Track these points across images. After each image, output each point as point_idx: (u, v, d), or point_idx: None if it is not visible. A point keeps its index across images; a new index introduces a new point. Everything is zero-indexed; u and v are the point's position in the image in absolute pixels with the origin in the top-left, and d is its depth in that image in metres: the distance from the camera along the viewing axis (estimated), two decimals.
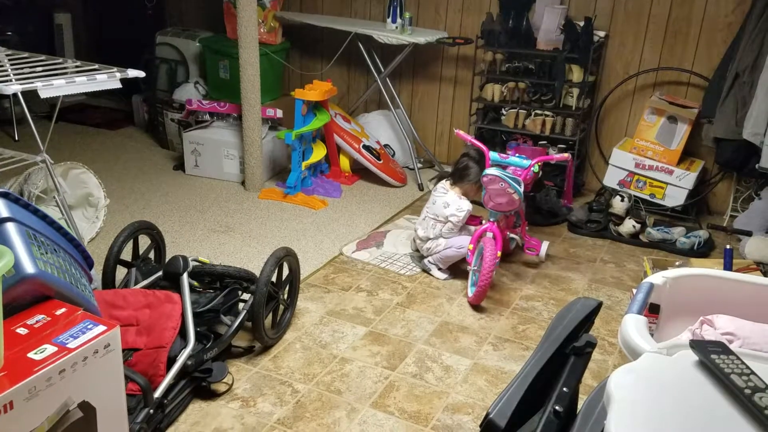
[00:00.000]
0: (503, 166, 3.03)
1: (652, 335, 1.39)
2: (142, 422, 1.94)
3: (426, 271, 3.20)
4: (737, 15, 3.66)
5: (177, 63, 4.81)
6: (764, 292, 1.34)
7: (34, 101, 2.39)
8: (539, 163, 3.07)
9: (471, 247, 3.00)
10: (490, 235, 2.95)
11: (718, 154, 3.67)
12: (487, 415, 1.13)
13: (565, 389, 1.19)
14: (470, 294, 2.95)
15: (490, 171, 2.91)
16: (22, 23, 5.10)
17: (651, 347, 1.07)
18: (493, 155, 3.07)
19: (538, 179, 3.35)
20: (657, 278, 1.35)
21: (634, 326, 1.14)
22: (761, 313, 1.28)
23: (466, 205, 3.11)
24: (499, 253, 2.92)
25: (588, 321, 1.32)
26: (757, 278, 1.37)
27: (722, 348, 0.97)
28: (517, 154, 3.16)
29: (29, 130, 2.59)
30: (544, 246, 3.31)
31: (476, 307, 2.91)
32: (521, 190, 2.90)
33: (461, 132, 3.24)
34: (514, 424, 1.15)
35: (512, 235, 3.28)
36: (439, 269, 3.17)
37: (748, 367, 0.93)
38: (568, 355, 1.26)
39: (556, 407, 1.15)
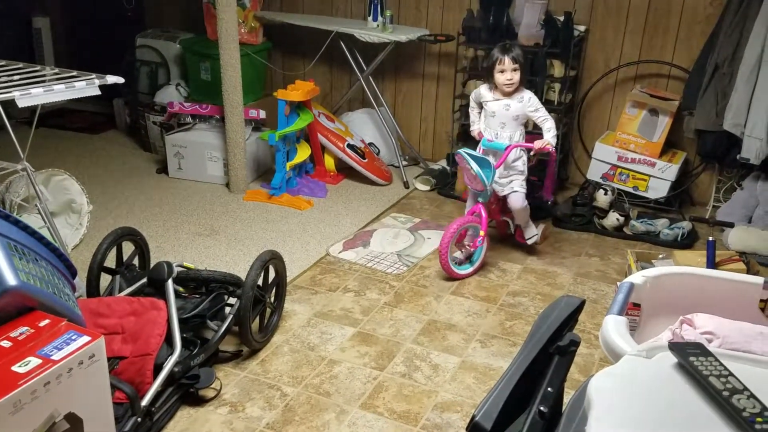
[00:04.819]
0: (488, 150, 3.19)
1: (634, 330, 1.40)
2: (129, 431, 1.93)
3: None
4: (716, 7, 3.68)
5: (158, 65, 4.77)
6: (743, 288, 1.35)
7: (13, 107, 2.38)
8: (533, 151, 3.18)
9: None
10: (475, 215, 3.13)
11: (700, 145, 3.70)
12: (473, 417, 1.14)
13: (549, 389, 1.20)
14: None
15: (460, 150, 3.05)
16: (0, 27, 5.04)
17: (631, 349, 1.07)
18: (483, 140, 3.20)
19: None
20: (637, 278, 1.36)
21: (614, 328, 1.15)
22: (740, 309, 1.30)
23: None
24: (482, 232, 3.11)
25: (572, 319, 1.33)
26: (736, 275, 1.39)
27: (701, 349, 0.98)
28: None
29: (9, 137, 2.56)
30: (540, 228, 3.42)
31: (464, 303, 2.93)
32: (492, 175, 3.02)
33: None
34: (500, 426, 1.16)
35: (508, 219, 3.42)
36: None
37: (726, 369, 0.94)
38: (553, 354, 1.26)
39: (541, 408, 1.16)
